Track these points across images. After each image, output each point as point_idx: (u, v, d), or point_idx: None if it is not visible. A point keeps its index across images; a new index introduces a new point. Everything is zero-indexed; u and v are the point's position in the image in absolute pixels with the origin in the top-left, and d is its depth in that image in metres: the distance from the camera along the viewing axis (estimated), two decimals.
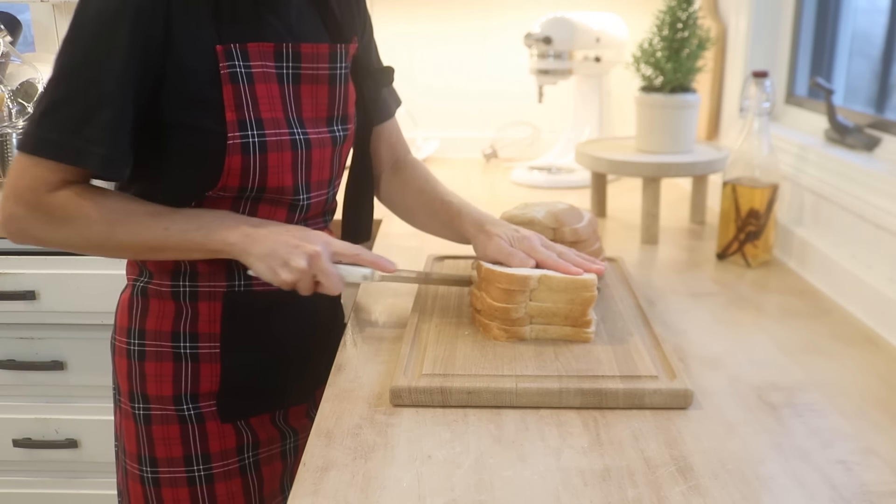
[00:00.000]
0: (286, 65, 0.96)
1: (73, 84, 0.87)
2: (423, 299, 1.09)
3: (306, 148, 0.98)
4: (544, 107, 2.06)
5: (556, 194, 1.83)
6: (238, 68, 0.91)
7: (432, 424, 0.82)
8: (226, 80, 0.91)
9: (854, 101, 1.47)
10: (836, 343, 1.04)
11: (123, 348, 1.03)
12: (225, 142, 0.91)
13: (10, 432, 1.73)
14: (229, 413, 1.02)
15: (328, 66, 1.01)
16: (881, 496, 0.71)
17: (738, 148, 1.33)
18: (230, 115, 0.91)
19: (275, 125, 0.95)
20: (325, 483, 0.72)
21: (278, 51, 0.95)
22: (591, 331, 0.96)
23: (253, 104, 0.93)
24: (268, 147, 0.94)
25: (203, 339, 1.01)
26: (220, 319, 1.00)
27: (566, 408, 0.85)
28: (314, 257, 0.90)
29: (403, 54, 2.21)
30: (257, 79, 0.93)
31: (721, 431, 0.81)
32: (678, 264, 1.36)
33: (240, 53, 0.92)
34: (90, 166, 0.88)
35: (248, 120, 0.92)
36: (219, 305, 1.00)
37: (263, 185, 0.95)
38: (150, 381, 1.01)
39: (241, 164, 0.92)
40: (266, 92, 0.94)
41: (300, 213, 1.02)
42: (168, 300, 1.00)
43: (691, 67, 1.49)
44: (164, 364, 1.01)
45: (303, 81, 0.98)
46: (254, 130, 0.93)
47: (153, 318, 1.01)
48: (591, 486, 0.72)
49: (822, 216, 1.30)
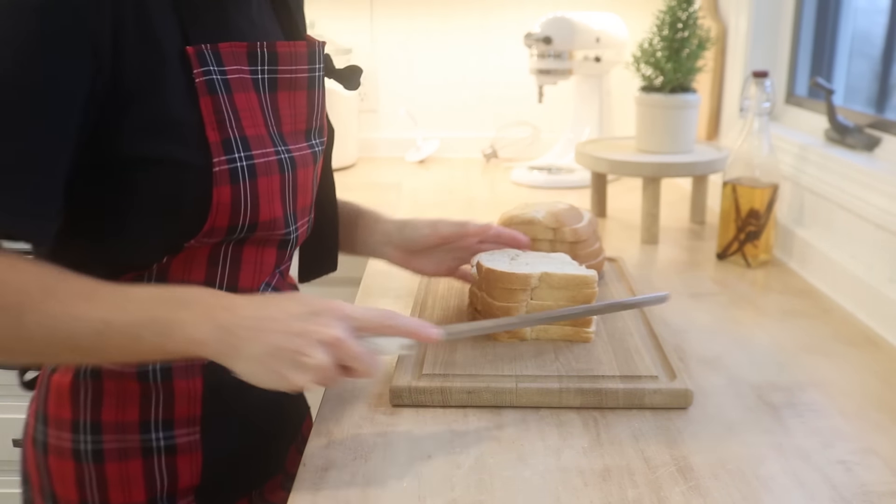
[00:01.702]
0: (261, 68, 0.78)
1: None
2: (423, 299, 1.09)
3: (292, 168, 0.81)
4: (544, 107, 2.06)
5: (556, 194, 1.83)
6: (214, 74, 0.73)
7: (432, 424, 0.82)
8: (202, 91, 0.72)
9: (854, 101, 1.47)
10: (836, 343, 1.04)
11: (66, 448, 0.79)
12: (209, 171, 0.72)
13: (10, 432, 1.73)
14: None
15: (307, 69, 0.84)
16: (881, 496, 0.71)
17: (738, 148, 1.33)
18: (212, 134, 0.72)
19: (260, 143, 0.77)
20: (325, 483, 0.72)
21: (252, 51, 0.77)
22: (592, 330, 0.96)
23: (235, 119, 0.75)
24: (257, 171, 0.76)
25: (180, 425, 0.81)
26: (200, 399, 0.81)
27: (566, 408, 0.85)
28: (335, 345, 0.67)
29: (403, 54, 2.22)
30: (234, 87, 0.75)
31: (721, 431, 0.81)
32: (678, 264, 1.36)
33: (212, 56, 0.73)
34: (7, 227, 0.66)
35: (232, 139, 0.74)
36: (199, 382, 0.80)
37: (255, 219, 0.77)
38: (113, 487, 0.79)
39: (230, 195, 0.73)
40: (246, 103, 0.76)
41: (290, 249, 0.86)
42: (132, 381, 0.78)
43: (691, 67, 1.49)
44: (130, 463, 0.79)
45: (279, 88, 0.81)
46: (240, 152, 0.74)
47: (111, 407, 0.78)
48: (591, 486, 0.72)
49: (822, 216, 1.30)
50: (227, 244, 0.78)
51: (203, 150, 0.72)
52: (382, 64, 2.21)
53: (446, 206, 1.11)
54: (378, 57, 2.21)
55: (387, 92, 2.22)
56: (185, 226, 0.74)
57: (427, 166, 2.14)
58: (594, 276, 0.95)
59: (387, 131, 2.26)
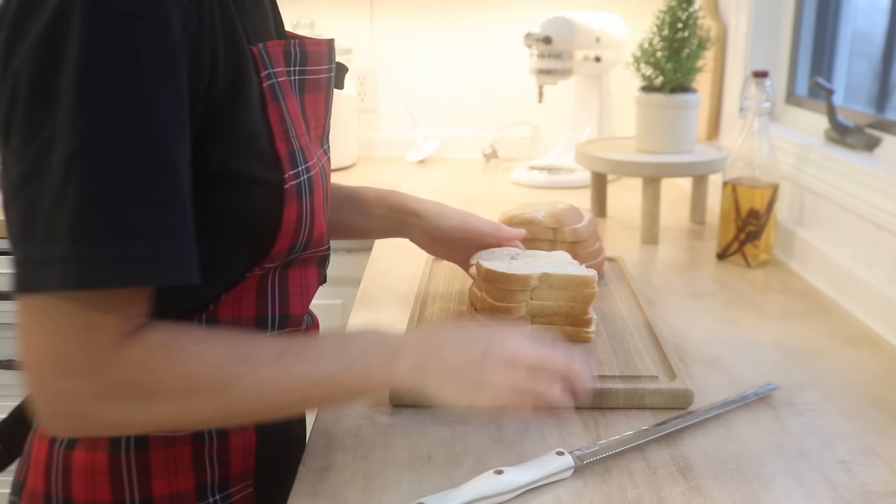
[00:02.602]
0: (293, 69, 0.71)
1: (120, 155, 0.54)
2: (424, 299, 1.09)
3: (325, 178, 0.75)
4: (544, 107, 2.06)
5: (556, 194, 1.83)
6: (273, 78, 0.66)
7: (432, 424, 0.82)
8: (269, 97, 0.64)
9: (854, 101, 1.47)
10: (836, 343, 1.04)
11: None
12: (281, 187, 0.65)
13: None
14: None
15: (327, 69, 0.78)
16: (881, 496, 0.71)
17: (739, 148, 1.33)
18: (281, 146, 0.65)
19: (309, 153, 0.70)
20: (325, 483, 0.72)
21: (287, 50, 0.69)
22: (592, 330, 0.96)
23: (293, 128, 0.68)
24: (313, 184, 0.69)
25: (234, 482, 0.75)
26: (254, 451, 0.75)
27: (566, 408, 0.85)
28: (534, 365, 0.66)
29: (403, 54, 2.21)
30: (285, 91, 0.68)
31: (721, 431, 0.81)
32: (678, 264, 1.36)
33: (268, 57, 0.65)
34: (174, 277, 0.56)
35: (296, 151, 0.67)
36: (252, 434, 0.75)
37: (310, 237, 0.71)
38: None
39: (296, 214, 0.67)
40: (294, 109, 0.70)
41: (325, 266, 0.81)
42: (184, 447, 0.70)
43: (691, 67, 1.49)
44: None
45: (306, 89, 0.74)
46: (302, 165, 0.68)
47: (163, 479, 0.70)
48: (591, 486, 0.72)
49: (822, 216, 1.30)
50: (274, 271, 0.72)
51: (275, 165, 0.65)
52: (382, 64, 2.21)
53: None
54: (378, 57, 2.21)
55: (387, 92, 2.22)
56: (254, 251, 0.67)
57: (427, 166, 2.14)
58: (594, 276, 0.95)
59: (387, 131, 2.26)
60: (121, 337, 0.57)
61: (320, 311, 1.44)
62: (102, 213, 0.53)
